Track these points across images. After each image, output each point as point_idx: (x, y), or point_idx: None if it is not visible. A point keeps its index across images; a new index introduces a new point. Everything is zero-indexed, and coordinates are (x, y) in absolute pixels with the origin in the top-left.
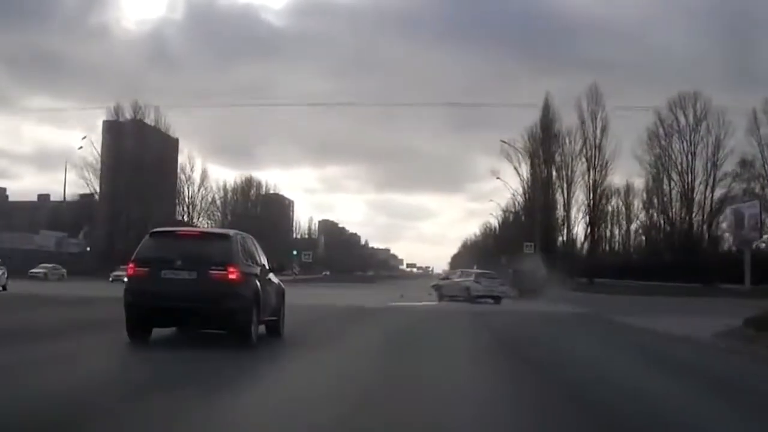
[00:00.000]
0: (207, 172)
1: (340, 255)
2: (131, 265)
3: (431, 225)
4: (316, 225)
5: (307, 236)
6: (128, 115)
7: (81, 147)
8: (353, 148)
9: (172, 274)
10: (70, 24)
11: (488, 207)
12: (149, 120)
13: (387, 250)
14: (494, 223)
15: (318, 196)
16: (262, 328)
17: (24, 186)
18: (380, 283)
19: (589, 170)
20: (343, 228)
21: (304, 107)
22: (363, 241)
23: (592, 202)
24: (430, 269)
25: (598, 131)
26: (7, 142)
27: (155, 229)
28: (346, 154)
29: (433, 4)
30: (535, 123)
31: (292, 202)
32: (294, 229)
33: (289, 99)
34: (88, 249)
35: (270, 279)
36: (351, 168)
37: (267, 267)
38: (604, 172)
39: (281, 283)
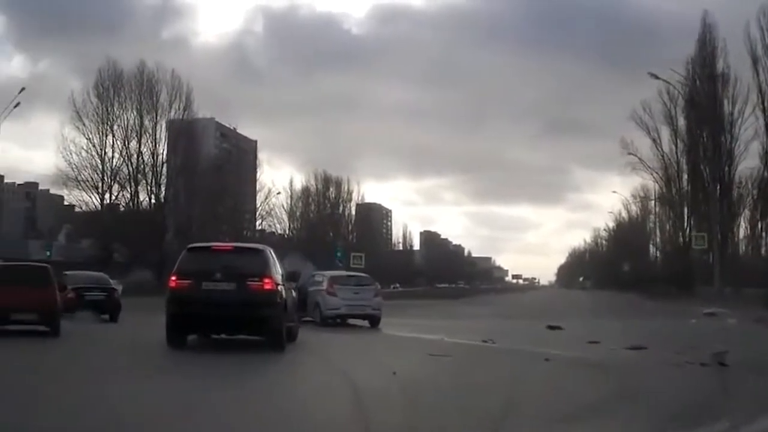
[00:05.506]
0: (262, 162)
1: (441, 266)
2: (173, 278)
3: (533, 236)
4: (411, 235)
5: (400, 247)
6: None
7: (18, 104)
8: (448, 159)
9: (213, 286)
10: (148, 38)
11: (586, 217)
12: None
13: (489, 259)
14: (611, 224)
15: (418, 208)
16: None
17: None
18: (462, 300)
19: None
20: (446, 239)
21: (396, 117)
22: (466, 253)
23: None
24: (537, 280)
25: None
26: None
27: (192, 245)
28: (441, 165)
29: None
30: (689, 58)
31: (390, 211)
32: (393, 240)
33: (378, 109)
34: (48, 254)
35: (290, 288)
36: (447, 179)
37: (284, 276)
38: None
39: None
